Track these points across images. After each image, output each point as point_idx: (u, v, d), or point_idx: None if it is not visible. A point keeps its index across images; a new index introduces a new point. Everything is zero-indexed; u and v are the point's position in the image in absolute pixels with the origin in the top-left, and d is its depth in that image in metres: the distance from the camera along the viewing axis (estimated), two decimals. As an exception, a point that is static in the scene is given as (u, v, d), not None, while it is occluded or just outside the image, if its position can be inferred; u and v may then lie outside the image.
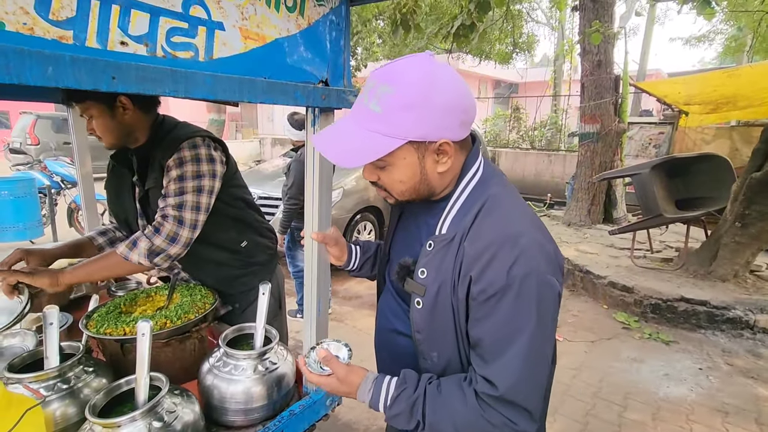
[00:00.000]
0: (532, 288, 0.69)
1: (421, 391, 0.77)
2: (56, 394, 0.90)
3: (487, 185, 0.79)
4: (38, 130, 10.29)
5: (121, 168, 1.43)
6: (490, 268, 0.70)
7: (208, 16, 0.64)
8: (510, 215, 0.74)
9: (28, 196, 4.21)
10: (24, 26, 0.46)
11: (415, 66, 0.70)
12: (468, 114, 0.75)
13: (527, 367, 0.70)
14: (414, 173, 0.77)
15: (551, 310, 0.72)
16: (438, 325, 0.79)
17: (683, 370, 2.96)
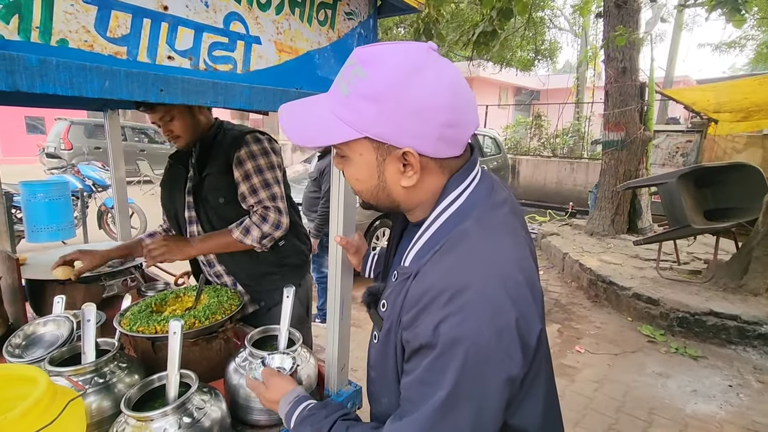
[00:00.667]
0: (457, 357, 0.54)
1: (328, 423, 0.71)
2: (93, 388, 0.94)
3: (464, 218, 0.64)
4: (72, 136, 10.75)
5: (177, 165, 1.57)
6: (419, 319, 0.58)
7: (246, 31, 0.68)
8: (464, 262, 0.59)
9: (62, 199, 4.38)
10: (85, 43, 0.50)
11: (400, 54, 0.58)
12: (455, 129, 0.61)
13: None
14: (370, 175, 0.66)
15: (479, 392, 0.56)
16: (387, 366, 0.68)
17: (712, 386, 2.86)
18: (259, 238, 1.43)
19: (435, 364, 0.56)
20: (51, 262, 1.58)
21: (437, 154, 0.62)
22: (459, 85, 0.60)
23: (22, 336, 1.12)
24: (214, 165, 1.45)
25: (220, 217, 1.48)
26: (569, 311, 4.12)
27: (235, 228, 1.44)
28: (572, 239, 5.81)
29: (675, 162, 7.41)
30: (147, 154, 11.75)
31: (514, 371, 0.57)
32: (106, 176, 6.01)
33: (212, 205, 1.47)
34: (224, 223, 1.46)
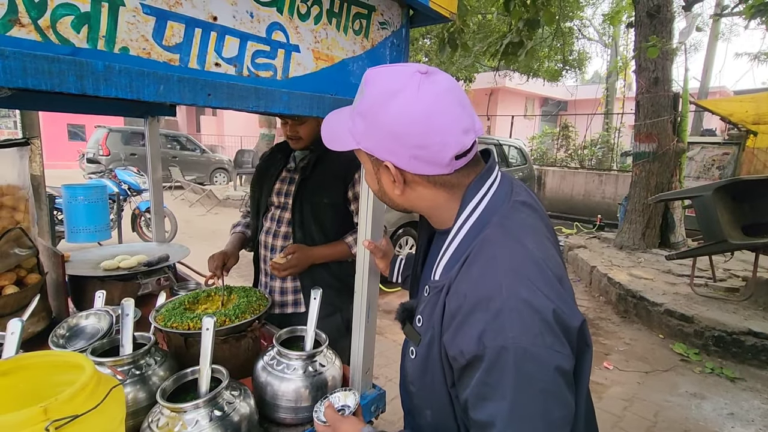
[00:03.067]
0: (507, 364, 0.55)
1: None
2: (130, 379, 0.99)
3: (484, 225, 0.65)
4: (110, 143, 11.27)
5: (277, 155, 1.72)
6: (460, 333, 0.59)
7: (287, 39, 0.72)
8: (490, 270, 0.60)
9: (100, 202, 4.59)
10: (143, 51, 0.54)
11: (389, 77, 0.63)
12: (425, 150, 0.63)
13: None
14: (373, 182, 0.73)
15: (541, 391, 0.56)
16: (429, 380, 0.69)
17: (751, 410, 2.71)
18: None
19: (489, 377, 0.56)
20: (92, 260, 1.67)
21: (415, 170, 0.66)
22: (436, 108, 0.62)
23: (66, 327, 1.19)
24: (333, 168, 1.55)
25: (314, 215, 1.56)
26: (597, 326, 4.00)
27: (353, 243, 1.58)
28: (600, 252, 5.66)
29: (710, 175, 7.13)
30: (179, 160, 12.18)
31: (563, 363, 0.57)
32: (140, 181, 6.26)
33: (315, 201, 1.55)
34: (315, 221, 1.56)
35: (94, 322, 1.22)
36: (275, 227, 1.63)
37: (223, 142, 21.67)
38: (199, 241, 6.37)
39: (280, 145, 1.74)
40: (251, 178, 1.88)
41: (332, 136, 0.72)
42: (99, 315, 1.22)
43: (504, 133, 12.25)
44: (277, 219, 1.63)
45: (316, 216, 1.56)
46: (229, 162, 13.93)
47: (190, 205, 9.09)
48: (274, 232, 1.62)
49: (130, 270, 1.58)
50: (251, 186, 1.78)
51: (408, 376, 0.76)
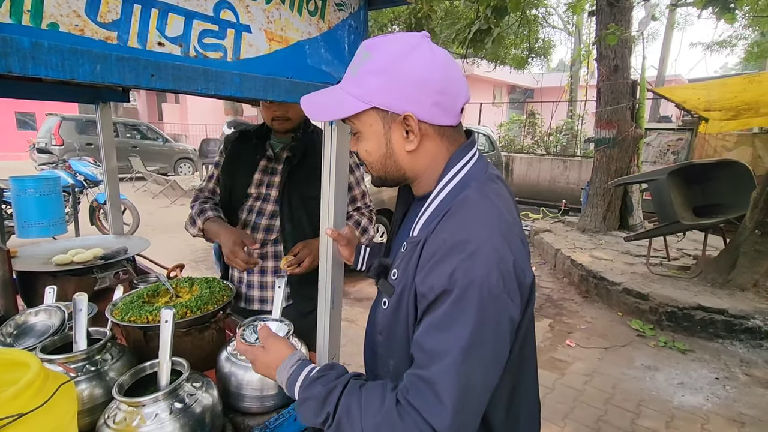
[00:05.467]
0: (473, 298, 0.61)
1: (342, 381, 0.72)
2: (84, 376, 0.95)
3: (464, 187, 0.72)
4: (63, 132, 10.63)
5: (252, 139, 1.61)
6: (434, 271, 0.64)
7: (236, 19, 0.69)
8: (468, 220, 0.67)
9: (53, 194, 4.33)
10: (76, 27, 0.50)
11: (400, 39, 0.70)
12: (445, 96, 0.70)
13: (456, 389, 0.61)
14: (379, 144, 0.75)
15: (494, 328, 0.63)
16: (397, 330, 0.74)
17: (699, 379, 2.91)
18: (370, 238, 1.62)
19: (454, 307, 0.62)
20: (44, 255, 1.58)
21: (433, 120, 0.72)
22: (449, 61, 0.71)
23: (14, 325, 1.13)
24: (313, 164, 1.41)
25: (305, 207, 1.51)
26: (560, 306, 4.17)
27: (353, 228, 1.56)
28: (564, 236, 5.87)
29: (666, 160, 7.49)
30: (139, 150, 11.66)
31: (514, 312, 0.65)
32: (97, 172, 5.97)
33: (305, 193, 1.49)
34: (306, 214, 1.51)
35: (44, 318, 1.16)
36: (255, 219, 1.55)
37: (187, 130, 20.89)
38: (163, 234, 6.16)
39: (254, 130, 1.64)
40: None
41: (323, 108, 0.75)
42: (50, 311, 1.17)
43: (473, 121, 12.38)
44: (258, 211, 1.55)
45: (306, 208, 1.51)
46: (193, 151, 13.43)
47: (153, 197, 8.74)
48: (254, 224, 1.56)
49: (85, 264, 1.51)
50: (221, 173, 1.64)
51: (377, 325, 0.80)
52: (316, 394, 0.71)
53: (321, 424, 0.70)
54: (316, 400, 0.71)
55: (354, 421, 0.66)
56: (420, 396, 0.62)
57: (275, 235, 1.55)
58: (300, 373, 0.78)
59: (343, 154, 1.01)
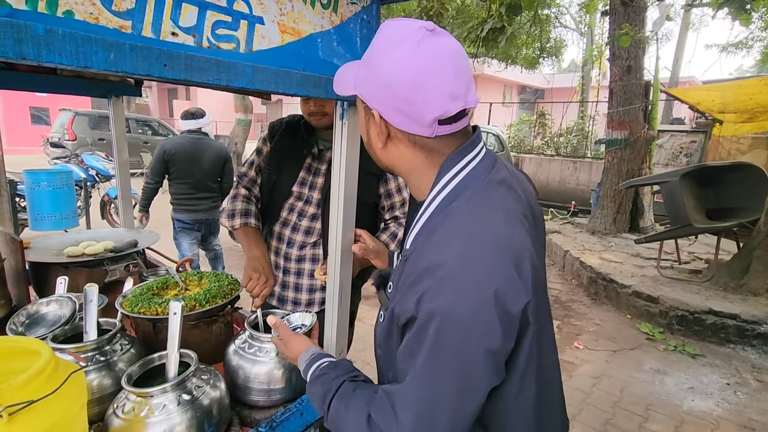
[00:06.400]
0: (431, 329, 0.58)
1: (336, 384, 0.74)
2: (94, 365, 0.96)
3: (456, 198, 0.66)
4: (76, 127, 10.77)
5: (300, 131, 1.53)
6: (406, 296, 0.62)
7: (249, 10, 0.69)
8: (447, 239, 0.61)
9: (66, 188, 4.40)
10: (90, 15, 0.50)
11: (395, 28, 0.65)
12: (412, 107, 0.64)
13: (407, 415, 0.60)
14: (363, 131, 0.76)
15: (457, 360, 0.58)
16: (390, 344, 0.72)
17: (710, 384, 2.87)
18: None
19: (416, 336, 0.60)
20: (56, 246, 1.60)
21: (397, 124, 0.67)
22: (428, 68, 0.62)
23: (25, 315, 1.14)
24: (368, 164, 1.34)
25: None
26: (569, 308, 4.13)
27: (390, 241, 1.50)
28: (573, 237, 5.81)
29: (678, 162, 7.39)
30: (150, 146, 11.77)
31: (493, 344, 0.57)
32: (109, 166, 6.04)
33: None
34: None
35: (55, 308, 1.17)
36: (295, 219, 1.51)
37: (198, 127, 21.00)
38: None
39: (303, 121, 1.55)
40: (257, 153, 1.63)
41: (338, 80, 0.76)
42: (61, 301, 1.18)
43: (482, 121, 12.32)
44: (299, 212, 1.51)
45: None
46: (204, 148, 13.53)
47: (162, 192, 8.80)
48: (294, 225, 1.52)
49: (96, 256, 1.52)
50: (266, 165, 1.58)
51: (376, 338, 0.79)
52: (316, 392, 0.77)
53: (321, 413, 0.76)
54: (317, 397, 0.77)
55: (340, 424, 0.71)
56: (382, 411, 0.64)
57: (315, 238, 1.51)
58: (309, 369, 0.83)
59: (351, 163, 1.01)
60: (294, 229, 1.52)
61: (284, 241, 1.53)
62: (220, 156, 3.48)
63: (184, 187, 3.36)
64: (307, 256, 1.52)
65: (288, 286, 1.56)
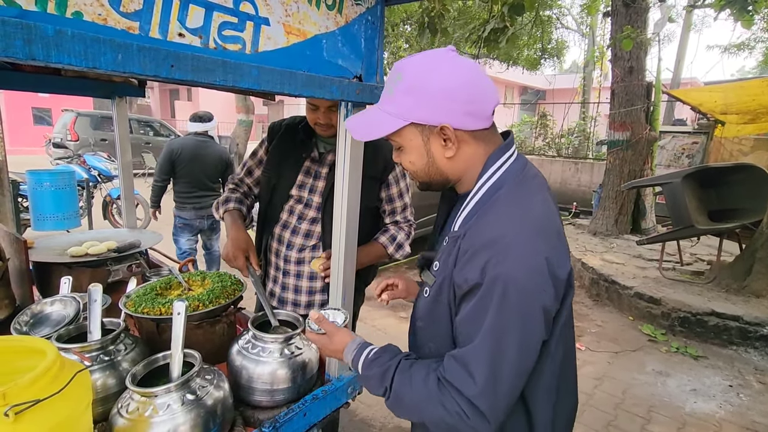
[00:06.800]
0: (497, 291, 0.68)
1: (395, 362, 0.82)
2: (98, 365, 0.96)
3: (500, 187, 0.78)
4: (78, 127, 10.79)
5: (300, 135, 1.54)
6: (468, 266, 0.72)
7: (255, 12, 0.69)
8: (502, 217, 0.74)
9: (68, 188, 4.40)
10: (99, 17, 0.51)
11: (425, 56, 0.76)
12: (474, 105, 0.75)
13: (484, 366, 0.69)
14: (421, 155, 0.82)
15: (521, 321, 0.69)
16: (436, 316, 0.82)
17: (712, 386, 2.86)
18: (406, 254, 1.57)
19: (482, 299, 0.70)
20: (59, 246, 1.61)
21: (467, 126, 0.77)
22: (474, 71, 0.75)
23: (30, 314, 1.14)
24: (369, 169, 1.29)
25: None
26: (570, 309, 4.12)
27: (388, 243, 1.54)
28: (575, 238, 5.80)
29: (680, 163, 7.38)
30: (152, 146, 11.79)
31: (547, 302, 0.70)
32: (111, 167, 6.05)
33: None
34: None
35: (59, 308, 1.18)
36: (295, 222, 1.52)
37: (199, 128, 21.03)
38: (175, 229, 6.20)
39: (302, 124, 1.55)
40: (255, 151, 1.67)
41: (367, 129, 0.81)
42: (65, 301, 1.18)
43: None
44: (298, 215, 1.51)
45: None
46: (205, 148, 13.55)
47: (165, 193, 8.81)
48: (293, 228, 1.52)
49: (99, 256, 1.53)
50: (265, 168, 1.60)
51: (418, 312, 0.88)
52: (374, 373, 0.83)
53: (381, 394, 0.83)
54: (375, 378, 0.83)
55: (406, 395, 0.78)
56: (454, 372, 0.72)
57: (315, 241, 1.51)
58: (360, 356, 0.87)
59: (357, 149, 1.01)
60: (294, 231, 1.52)
61: (284, 243, 1.54)
62: (222, 158, 3.64)
63: (186, 186, 3.52)
64: (307, 259, 1.53)
65: (288, 288, 1.56)
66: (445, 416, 0.73)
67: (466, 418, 0.71)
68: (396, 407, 0.82)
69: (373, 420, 2.39)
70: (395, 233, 1.56)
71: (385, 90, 0.82)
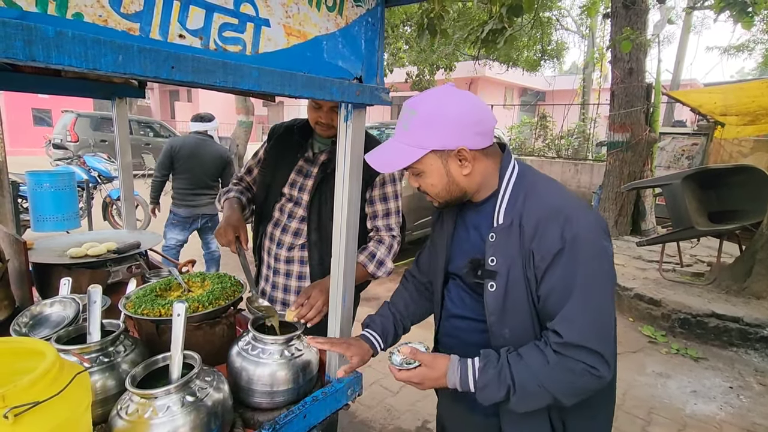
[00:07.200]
0: (580, 248, 0.81)
1: (504, 360, 0.86)
2: (98, 367, 0.96)
3: (525, 178, 0.93)
4: (78, 128, 10.80)
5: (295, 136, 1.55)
6: (545, 237, 0.83)
7: (256, 13, 0.69)
8: (549, 193, 0.89)
9: (68, 189, 4.41)
10: (99, 18, 0.51)
11: (434, 94, 0.90)
12: (482, 126, 0.90)
13: (587, 314, 0.80)
14: (441, 177, 0.93)
15: (603, 265, 0.83)
16: (511, 303, 0.90)
17: (712, 387, 2.86)
18: (389, 271, 1.46)
19: (569, 261, 0.82)
20: (59, 247, 1.60)
21: (478, 146, 0.91)
22: (471, 97, 0.91)
23: (29, 316, 1.14)
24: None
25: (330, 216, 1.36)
26: (570, 311, 4.12)
27: (367, 262, 1.43)
28: (575, 240, 5.80)
29: (680, 165, 7.38)
30: (152, 147, 11.80)
31: (610, 250, 0.85)
32: (111, 168, 6.05)
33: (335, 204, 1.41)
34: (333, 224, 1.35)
35: (59, 310, 1.17)
36: (285, 221, 1.53)
37: (199, 129, 21.06)
38: (175, 230, 6.20)
39: (300, 127, 1.58)
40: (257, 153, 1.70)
41: (389, 161, 0.93)
42: (64, 303, 1.18)
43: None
44: (288, 213, 1.53)
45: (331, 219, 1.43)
46: (205, 149, 13.55)
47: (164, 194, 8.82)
48: (284, 226, 1.53)
49: (99, 257, 1.53)
50: (261, 168, 1.63)
51: (488, 307, 0.93)
52: (491, 379, 0.86)
53: (504, 396, 0.85)
54: (493, 384, 0.86)
55: (530, 382, 0.83)
56: (567, 332, 0.80)
57: (303, 240, 1.51)
58: (467, 370, 0.90)
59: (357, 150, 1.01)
60: (284, 230, 1.54)
61: (275, 241, 1.55)
62: (221, 157, 3.68)
63: (184, 183, 3.57)
64: (296, 258, 1.54)
65: (278, 287, 1.57)
66: (574, 379, 0.80)
67: (593, 370, 0.79)
68: (523, 400, 0.84)
69: (373, 422, 2.38)
70: (374, 250, 1.46)
71: (399, 127, 0.93)
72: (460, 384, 0.89)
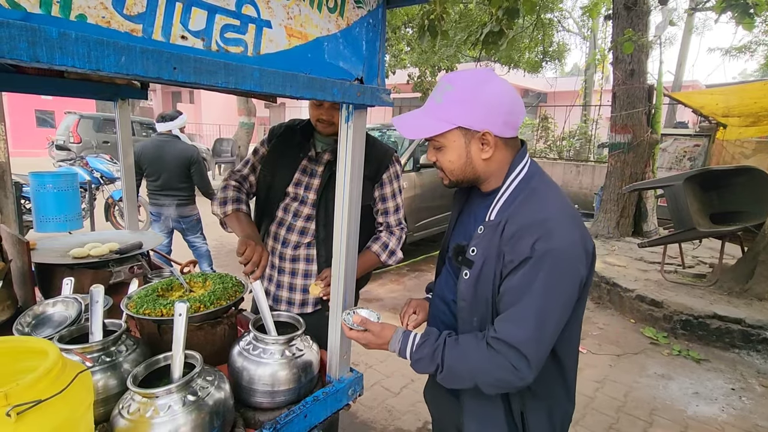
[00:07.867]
0: (547, 262, 0.83)
1: (441, 341, 0.94)
2: (99, 366, 0.96)
3: (530, 181, 0.95)
4: (81, 129, 10.83)
5: (297, 137, 1.58)
6: (519, 243, 0.86)
7: (257, 14, 0.69)
8: (543, 204, 0.90)
9: (71, 190, 4.43)
10: (102, 19, 0.51)
11: (474, 73, 0.93)
12: (512, 116, 0.92)
13: (529, 321, 0.84)
14: (461, 155, 0.96)
15: (564, 285, 0.86)
16: (480, 293, 0.95)
17: (714, 389, 2.85)
18: (399, 260, 1.58)
19: (533, 268, 0.84)
20: (61, 248, 1.61)
21: (502, 134, 0.94)
22: (510, 88, 0.93)
23: (32, 315, 1.15)
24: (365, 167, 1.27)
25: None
26: (572, 312, 4.11)
27: (381, 251, 1.54)
28: (576, 241, 5.79)
29: (682, 166, 7.36)
30: (154, 148, 11.80)
31: (582, 271, 0.88)
32: (114, 169, 6.06)
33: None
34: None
35: (61, 309, 1.18)
36: (290, 220, 1.53)
37: (201, 130, 21.17)
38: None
39: (300, 125, 1.61)
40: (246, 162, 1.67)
41: (416, 128, 0.96)
42: (67, 302, 1.19)
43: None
44: (294, 212, 1.53)
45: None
46: (207, 151, 13.58)
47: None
48: (289, 225, 1.53)
49: (101, 258, 1.53)
50: (263, 167, 1.61)
51: (460, 293, 0.99)
52: (425, 355, 0.94)
53: (433, 372, 0.94)
54: (426, 358, 0.94)
55: (458, 365, 0.90)
56: (503, 329, 0.86)
57: (309, 239, 1.52)
58: (407, 342, 0.98)
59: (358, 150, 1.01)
60: (289, 229, 1.54)
61: (279, 240, 1.55)
62: (185, 158, 3.64)
63: (152, 186, 3.63)
64: (302, 257, 1.54)
65: (282, 286, 1.57)
66: (496, 372, 0.86)
67: (514, 369, 0.84)
68: (448, 379, 0.92)
69: (373, 422, 2.38)
70: (387, 240, 1.56)
71: (431, 98, 0.96)
72: (399, 353, 0.99)
